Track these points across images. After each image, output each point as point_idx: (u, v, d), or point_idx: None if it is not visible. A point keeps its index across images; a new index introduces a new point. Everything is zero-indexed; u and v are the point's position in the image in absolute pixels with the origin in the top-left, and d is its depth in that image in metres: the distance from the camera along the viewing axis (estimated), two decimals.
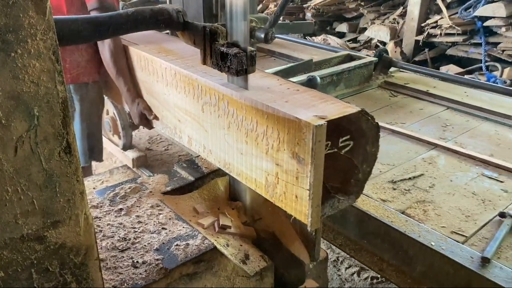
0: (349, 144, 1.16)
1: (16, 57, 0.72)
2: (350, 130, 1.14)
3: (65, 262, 0.91)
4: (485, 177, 2.13)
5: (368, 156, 1.19)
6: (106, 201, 1.40)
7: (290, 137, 1.10)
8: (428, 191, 2.00)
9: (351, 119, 1.13)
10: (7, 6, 0.69)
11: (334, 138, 1.12)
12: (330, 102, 1.19)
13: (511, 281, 1.47)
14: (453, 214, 1.85)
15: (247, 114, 1.23)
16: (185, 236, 1.26)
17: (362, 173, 1.20)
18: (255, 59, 1.32)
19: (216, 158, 1.42)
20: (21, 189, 0.80)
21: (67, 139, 0.82)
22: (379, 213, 1.79)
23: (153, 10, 1.39)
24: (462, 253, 1.59)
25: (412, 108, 2.99)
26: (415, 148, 2.40)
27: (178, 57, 1.58)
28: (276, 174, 1.18)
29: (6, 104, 0.74)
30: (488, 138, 2.53)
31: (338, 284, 2.22)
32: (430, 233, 1.69)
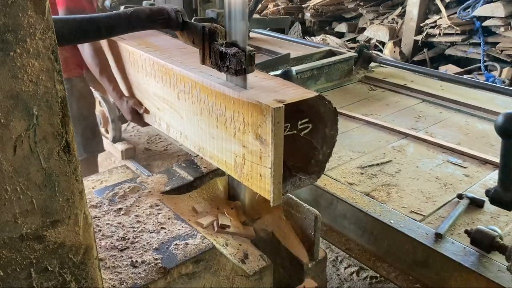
0: (308, 127, 1.25)
1: (15, 56, 0.72)
2: (309, 114, 1.23)
3: (64, 262, 0.91)
4: (450, 163, 2.23)
5: (327, 138, 1.30)
6: (105, 201, 1.40)
7: (254, 120, 1.20)
8: (394, 175, 2.10)
9: (309, 103, 1.22)
10: (6, 6, 0.69)
11: (293, 121, 1.21)
12: (292, 88, 1.29)
13: (460, 254, 1.58)
14: (415, 196, 1.95)
15: (217, 100, 1.33)
16: (184, 235, 1.26)
17: (322, 154, 1.30)
18: (254, 59, 1.32)
19: (191, 143, 1.52)
20: (20, 188, 0.80)
21: (66, 138, 0.83)
22: (345, 195, 1.91)
23: (152, 10, 1.39)
24: (418, 230, 1.70)
25: (389, 101, 3.09)
26: (387, 138, 2.50)
27: (157, 49, 1.66)
28: (243, 155, 1.28)
29: (5, 103, 0.74)
30: (458, 128, 2.63)
31: (337, 283, 2.23)
32: (391, 212, 1.80)
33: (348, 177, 2.08)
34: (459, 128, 2.64)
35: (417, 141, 2.44)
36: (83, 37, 1.33)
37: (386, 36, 6.13)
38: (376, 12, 6.61)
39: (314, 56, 3.53)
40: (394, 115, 2.83)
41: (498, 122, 1.56)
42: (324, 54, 3.59)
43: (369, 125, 2.65)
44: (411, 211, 1.83)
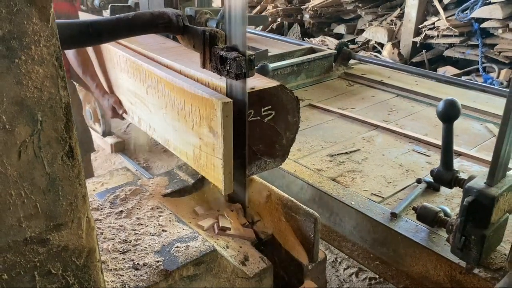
0: (271, 114, 1.36)
1: (20, 63, 0.73)
2: (271, 102, 1.35)
3: (68, 265, 0.92)
4: (415, 152, 2.35)
5: (290, 125, 1.41)
6: (106, 203, 1.41)
7: (207, 113, 1.30)
8: (360, 163, 2.23)
9: (271, 92, 1.33)
10: (11, 14, 0.70)
11: (257, 108, 1.32)
12: (257, 79, 1.39)
13: (412, 231, 1.71)
14: (377, 181, 2.07)
15: (178, 94, 1.43)
16: (185, 238, 1.27)
17: (285, 139, 1.42)
18: (254, 63, 1.34)
19: (158, 136, 1.66)
20: (24, 193, 0.81)
21: (70, 143, 0.84)
22: (312, 180, 2.04)
23: (153, 14, 1.40)
24: (377, 210, 1.84)
25: (365, 95, 3.21)
26: (358, 129, 2.62)
27: (134, 46, 1.80)
28: (200, 147, 1.39)
29: (10, 109, 0.75)
30: (427, 121, 2.73)
31: (337, 284, 2.24)
32: (353, 195, 1.94)
33: (317, 164, 2.20)
34: (429, 120, 2.73)
35: (387, 132, 2.56)
36: (85, 42, 1.34)
37: (384, 37, 6.15)
38: (374, 14, 6.63)
39: (295, 53, 3.65)
40: (368, 108, 2.94)
41: (439, 108, 1.71)
42: (305, 52, 3.70)
43: (343, 118, 2.77)
44: (372, 193, 1.96)
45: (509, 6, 5.08)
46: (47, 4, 0.73)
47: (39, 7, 0.72)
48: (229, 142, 1.28)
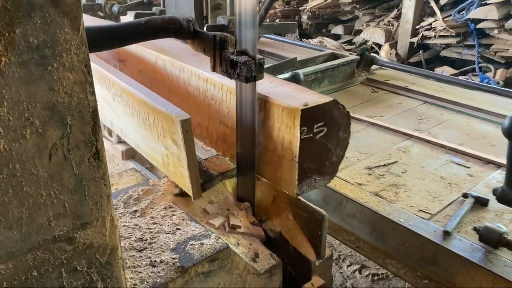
0: (323, 130, 1.32)
1: (52, 70, 0.78)
2: (324, 118, 1.31)
3: (92, 262, 0.96)
4: (454, 163, 2.33)
5: (340, 141, 1.38)
6: (120, 203, 1.45)
7: (169, 127, 1.33)
8: (401, 176, 2.19)
9: (324, 107, 1.30)
10: (45, 24, 0.74)
11: (310, 124, 1.28)
12: (307, 93, 1.36)
13: (468, 251, 1.66)
14: (422, 196, 2.03)
15: (141, 106, 1.47)
16: (199, 236, 1.32)
17: (336, 156, 1.38)
18: (264, 67, 1.38)
19: (129, 140, 1.72)
20: (54, 193, 0.85)
21: (96, 145, 0.88)
22: (354, 195, 1.99)
23: (164, 20, 1.45)
24: (427, 228, 1.80)
25: (391, 102, 3.18)
26: (391, 139, 2.59)
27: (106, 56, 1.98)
28: (167, 156, 1.43)
29: (43, 114, 0.79)
30: (459, 129, 2.72)
31: (340, 281, 2.29)
32: (400, 211, 1.89)
33: (357, 178, 2.16)
34: (461, 129, 2.71)
35: (421, 142, 2.52)
36: (98, 47, 1.38)
37: (382, 38, 6.21)
38: (372, 15, 6.70)
39: (317, 59, 3.62)
40: (397, 116, 2.90)
41: (505, 125, 1.64)
42: (327, 57, 3.68)
43: (374, 126, 2.74)
44: (419, 210, 1.91)
45: (504, 7, 5.16)
46: (78, 14, 0.78)
47: (70, 17, 0.77)
48: (192, 154, 1.32)
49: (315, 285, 1.54)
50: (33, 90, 0.76)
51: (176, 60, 1.70)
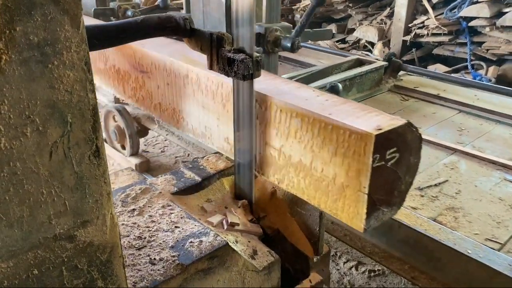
0: (395, 157, 1.17)
1: (52, 68, 0.78)
2: (397, 143, 1.15)
3: (92, 260, 0.96)
4: (508, 181, 2.17)
5: (411, 167, 1.22)
6: (118, 202, 1.45)
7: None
8: (455, 197, 2.03)
9: (399, 131, 1.15)
10: (46, 21, 0.74)
11: (382, 151, 1.13)
12: (374, 113, 1.23)
13: None
14: (484, 221, 1.88)
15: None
16: (197, 233, 1.32)
17: (404, 184, 1.23)
18: (261, 64, 1.39)
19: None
20: (54, 191, 0.85)
21: (97, 143, 0.88)
22: (411, 221, 1.81)
23: (160, 18, 1.45)
24: (500, 260, 1.62)
25: (425, 112, 3.00)
26: (435, 154, 2.44)
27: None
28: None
29: (43, 112, 0.79)
30: (504, 142, 2.56)
31: (337, 278, 2.30)
32: (465, 240, 1.71)
33: (409, 201, 1.99)
34: (505, 141, 2.56)
35: (467, 157, 2.38)
36: (95, 45, 1.38)
37: (375, 36, 6.24)
38: (364, 13, 6.73)
39: (342, 65, 3.44)
40: (435, 128, 2.75)
41: None
42: (352, 63, 3.52)
43: None
44: (486, 238, 1.77)
45: (495, 5, 5.20)
46: (78, 12, 0.78)
47: (71, 15, 0.77)
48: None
49: (313, 282, 1.55)
50: (33, 88, 0.76)
51: (212, 74, 1.56)
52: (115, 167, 3.39)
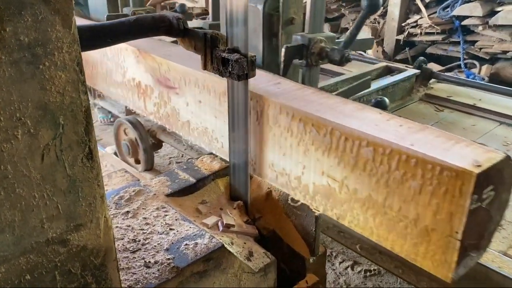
0: (491, 195, 1.03)
1: (44, 69, 0.76)
2: (494, 180, 1.01)
3: (86, 264, 0.95)
4: None
5: (501, 204, 1.08)
6: (112, 205, 1.44)
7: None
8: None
9: (498, 167, 1.00)
10: (36, 22, 0.72)
11: (480, 191, 0.98)
12: (463, 143, 1.08)
13: None
14: None
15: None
16: (193, 235, 1.31)
17: (494, 224, 1.09)
18: (255, 64, 1.38)
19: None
20: (47, 194, 0.84)
21: (89, 145, 0.86)
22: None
23: (154, 18, 1.43)
24: None
25: (464, 124, 2.81)
26: None
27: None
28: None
29: (35, 114, 0.77)
30: None
31: (333, 278, 2.30)
32: None
33: None
34: None
35: None
36: (88, 46, 1.36)
37: (368, 35, 6.25)
38: (358, 13, 6.73)
39: (371, 73, 3.20)
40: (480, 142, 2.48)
41: None
42: (381, 71, 3.35)
43: None
44: None
45: (488, 4, 5.23)
46: (70, 12, 0.76)
47: (62, 15, 0.75)
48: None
49: (309, 283, 1.54)
50: (24, 90, 0.74)
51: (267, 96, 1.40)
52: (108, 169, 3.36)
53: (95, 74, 2.30)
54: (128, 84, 2.05)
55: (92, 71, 2.30)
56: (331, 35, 2.21)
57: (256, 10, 1.91)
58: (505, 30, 5.11)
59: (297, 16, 2.10)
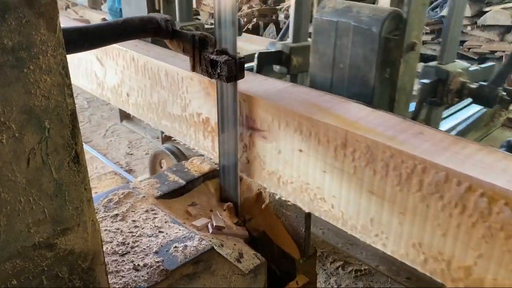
0: None
1: (28, 73, 0.75)
2: None
3: (74, 268, 0.94)
4: None
5: None
6: (100, 207, 1.43)
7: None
8: None
9: None
10: (20, 25, 0.72)
11: None
12: None
13: None
14: None
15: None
16: (182, 238, 1.31)
17: None
18: (244, 66, 1.38)
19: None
20: (33, 199, 0.83)
21: (76, 149, 0.86)
22: None
23: (142, 20, 1.43)
24: None
25: None
26: None
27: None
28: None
29: (20, 118, 0.77)
30: None
31: (324, 278, 2.31)
32: None
33: None
34: None
35: None
36: (76, 48, 1.35)
37: None
38: None
39: None
40: None
41: None
42: None
43: None
44: None
45: (476, 4, 5.28)
46: (54, 15, 0.75)
47: (46, 18, 0.74)
48: None
49: (300, 283, 1.54)
50: (8, 94, 0.74)
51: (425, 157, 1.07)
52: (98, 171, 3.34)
53: (141, 102, 1.95)
54: (190, 120, 1.71)
55: (137, 98, 1.96)
56: (465, 65, 1.85)
57: (370, 34, 1.57)
58: (493, 30, 5.17)
59: (419, 41, 1.77)
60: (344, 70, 1.54)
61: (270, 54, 2.02)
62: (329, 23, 1.62)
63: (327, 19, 1.63)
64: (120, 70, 2.00)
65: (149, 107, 1.92)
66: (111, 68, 2.06)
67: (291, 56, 2.01)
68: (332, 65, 1.65)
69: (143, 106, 1.95)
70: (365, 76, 1.61)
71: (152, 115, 1.92)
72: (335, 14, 1.60)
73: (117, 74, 2.03)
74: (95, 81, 2.22)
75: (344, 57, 1.61)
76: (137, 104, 1.99)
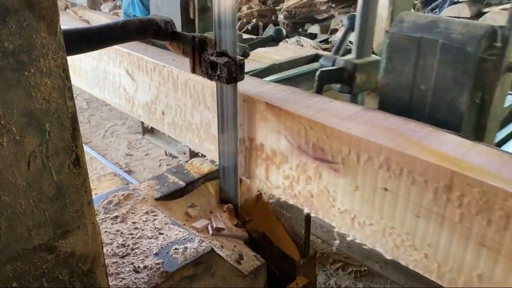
0: None
1: (29, 76, 0.75)
2: None
3: (74, 270, 0.94)
4: None
5: None
6: (100, 209, 1.43)
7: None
8: None
9: None
10: (21, 28, 0.72)
11: None
12: None
13: None
14: None
15: None
16: (182, 239, 1.31)
17: None
18: (244, 68, 1.38)
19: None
20: (33, 201, 0.83)
21: (76, 152, 0.86)
22: None
23: (141, 21, 1.43)
24: None
25: None
26: None
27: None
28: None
29: (20, 121, 0.77)
30: None
31: (324, 279, 2.31)
32: None
33: None
34: None
35: None
36: (75, 49, 1.35)
37: None
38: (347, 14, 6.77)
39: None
40: None
41: None
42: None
43: None
44: None
45: (476, 5, 5.29)
46: (55, 18, 0.75)
47: (47, 21, 0.74)
48: None
49: (299, 285, 1.54)
50: (9, 97, 0.74)
51: None
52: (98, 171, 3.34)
53: (179, 122, 1.80)
54: (240, 145, 1.52)
55: (174, 117, 1.82)
56: None
57: (463, 53, 1.36)
58: None
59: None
60: (427, 93, 1.40)
61: (331, 72, 1.81)
62: (409, 39, 1.43)
63: (407, 34, 1.44)
64: (155, 86, 1.83)
65: (189, 128, 1.76)
66: (144, 83, 1.90)
67: (355, 74, 1.80)
68: (411, 86, 1.47)
69: (182, 126, 1.79)
70: (453, 101, 1.41)
71: (192, 136, 1.76)
72: (417, 29, 1.42)
73: (151, 90, 1.87)
74: (123, 96, 2.06)
75: (427, 78, 1.43)
76: (174, 124, 1.83)
